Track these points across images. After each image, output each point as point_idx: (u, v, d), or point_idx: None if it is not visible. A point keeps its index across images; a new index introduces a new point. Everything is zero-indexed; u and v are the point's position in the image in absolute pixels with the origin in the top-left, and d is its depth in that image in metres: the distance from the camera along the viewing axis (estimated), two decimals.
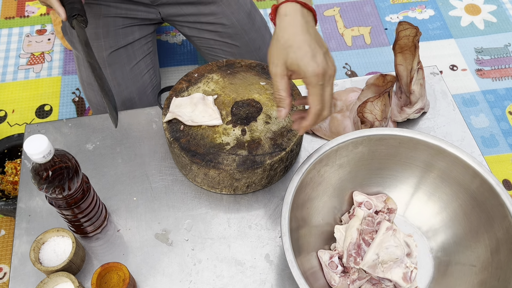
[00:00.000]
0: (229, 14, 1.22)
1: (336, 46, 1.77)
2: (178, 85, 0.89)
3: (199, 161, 0.79)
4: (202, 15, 1.22)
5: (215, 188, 0.84)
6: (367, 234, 0.77)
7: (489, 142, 1.54)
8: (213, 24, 1.22)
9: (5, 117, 1.55)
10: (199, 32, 1.25)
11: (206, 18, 1.22)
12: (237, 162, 0.79)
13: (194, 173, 0.82)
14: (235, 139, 0.82)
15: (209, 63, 0.92)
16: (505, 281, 0.66)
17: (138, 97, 1.20)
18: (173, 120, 0.84)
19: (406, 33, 0.87)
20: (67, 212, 0.72)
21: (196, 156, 0.80)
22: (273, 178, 0.85)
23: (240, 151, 0.80)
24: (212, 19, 1.22)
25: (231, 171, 0.79)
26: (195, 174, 0.83)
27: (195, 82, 0.89)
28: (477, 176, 0.72)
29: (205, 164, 0.79)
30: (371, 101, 0.82)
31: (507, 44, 1.78)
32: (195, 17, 1.22)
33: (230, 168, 0.79)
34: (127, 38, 1.17)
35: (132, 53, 1.18)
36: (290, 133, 0.83)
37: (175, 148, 0.81)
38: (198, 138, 0.82)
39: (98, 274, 0.71)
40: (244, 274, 0.78)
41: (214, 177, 0.81)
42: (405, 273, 0.74)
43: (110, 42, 1.14)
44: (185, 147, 0.81)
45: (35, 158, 0.62)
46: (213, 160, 0.79)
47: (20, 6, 1.85)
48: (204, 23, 1.23)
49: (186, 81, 0.89)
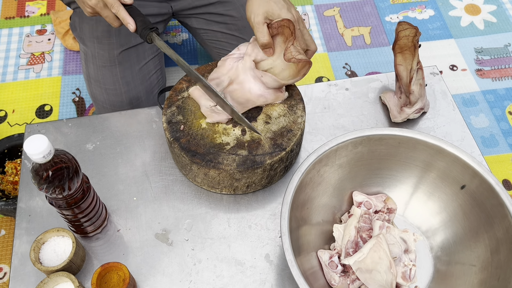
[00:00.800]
0: (239, 6, 1.22)
1: (336, 46, 1.77)
2: (178, 85, 0.89)
3: (199, 161, 0.79)
4: (211, 5, 1.22)
5: (215, 188, 0.84)
6: (365, 231, 0.77)
7: (489, 142, 1.54)
8: (222, 16, 1.23)
9: (5, 117, 1.56)
10: (207, 23, 1.25)
11: (215, 9, 1.22)
12: (237, 162, 0.79)
13: (194, 173, 0.82)
14: (235, 139, 0.82)
15: (209, 63, 0.92)
16: (505, 281, 0.66)
17: (145, 96, 1.21)
18: (173, 120, 0.84)
19: (405, 33, 0.87)
20: (67, 212, 0.73)
21: (196, 156, 0.80)
22: (273, 178, 0.85)
23: (240, 151, 0.80)
24: (221, 10, 1.22)
25: (231, 171, 0.79)
26: (195, 174, 0.83)
27: (195, 82, 0.89)
28: (476, 176, 0.72)
29: (205, 164, 0.79)
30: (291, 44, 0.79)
31: (507, 44, 1.79)
32: (204, 8, 1.22)
33: (230, 168, 0.79)
34: (138, 38, 1.17)
35: (142, 53, 1.19)
36: (290, 133, 0.83)
37: (175, 148, 0.81)
38: (198, 138, 0.82)
39: (98, 274, 0.71)
40: (244, 274, 0.78)
41: (214, 177, 0.81)
42: (404, 272, 0.74)
43: (122, 41, 1.15)
44: (185, 147, 0.81)
45: (35, 158, 0.62)
46: (213, 160, 0.79)
47: (20, 6, 1.86)
48: (213, 13, 1.23)
49: (186, 81, 0.89)
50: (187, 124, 0.83)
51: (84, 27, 1.15)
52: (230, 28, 1.24)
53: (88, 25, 1.14)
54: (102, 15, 0.84)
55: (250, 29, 1.24)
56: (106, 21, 0.86)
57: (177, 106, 0.86)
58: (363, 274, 0.73)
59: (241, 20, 1.23)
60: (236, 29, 1.24)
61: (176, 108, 0.86)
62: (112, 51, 1.15)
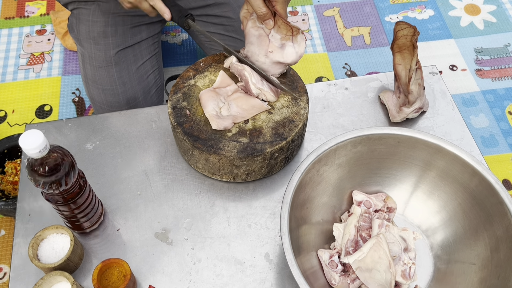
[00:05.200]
0: (235, 7, 1.22)
1: (336, 46, 1.77)
2: (186, 73, 0.90)
3: (200, 146, 0.80)
4: (208, 7, 1.22)
5: (216, 175, 0.85)
6: (364, 230, 0.77)
7: (489, 142, 1.54)
8: (219, 17, 1.23)
9: (5, 117, 1.56)
10: (204, 25, 1.25)
11: (212, 11, 1.22)
12: (238, 149, 0.80)
13: (196, 158, 0.83)
14: (237, 127, 0.83)
15: (217, 54, 0.93)
16: (505, 279, 0.66)
17: (143, 96, 1.21)
18: (178, 106, 0.85)
19: (404, 33, 0.87)
20: (63, 208, 0.73)
21: (198, 141, 0.81)
22: (273, 168, 0.85)
23: (242, 139, 0.81)
24: (218, 11, 1.22)
25: (231, 157, 0.80)
26: (196, 160, 0.84)
27: (202, 71, 0.90)
28: (476, 175, 0.72)
29: (206, 149, 0.80)
30: None
31: (507, 44, 1.79)
32: (201, 9, 1.23)
33: (231, 154, 0.79)
34: (135, 38, 1.17)
35: (139, 53, 1.19)
36: (292, 124, 0.83)
37: (178, 133, 0.82)
38: (201, 124, 0.83)
39: (99, 269, 0.71)
40: (244, 273, 0.78)
41: (214, 163, 0.81)
42: (404, 270, 0.74)
43: (118, 41, 1.15)
44: (188, 132, 0.82)
45: (32, 153, 0.62)
46: (214, 145, 0.80)
47: (20, 6, 1.86)
48: (210, 15, 1.23)
49: (194, 69, 0.91)
50: (191, 111, 0.85)
51: (81, 28, 1.15)
52: (228, 30, 1.24)
53: (85, 26, 1.14)
54: (141, 7, 0.90)
55: None
56: (144, 12, 0.92)
57: (183, 93, 0.87)
58: (362, 273, 0.73)
59: (238, 21, 1.23)
60: (233, 30, 1.24)
61: (182, 94, 0.87)
62: (108, 51, 1.15)
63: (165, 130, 0.93)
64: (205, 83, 0.89)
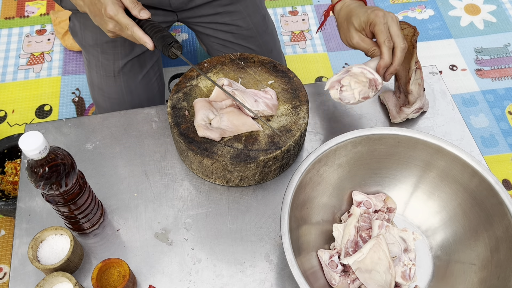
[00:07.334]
0: (245, 16, 1.21)
1: (336, 46, 1.77)
2: (189, 73, 0.91)
3: (194, 148, 0.81)
4: (218, 15, 1.21)
5: (209, 178, 0.85)
6: (364, 230, 0.77)
7: (489, 142, 1.54)
8: (228, 25, 1.22)
9: (5, 117, 1.56)
10: (213, 32, 1.24)
11: (222, 19, 1.21)
12: (231, 154, 0.80)
13: (190, 159, 0.83)
14: None
15: (223, 55, 0.93)
16: (505, 280, 0.66)
17: (148, 104, 1.21)
18: (178, 106, 0.85)
19: (404, 33, 0.87)
20: (64, 208, 0.73)
21: (192, 143, 0.81)
22: (267, 176, 0.85)
23: (236, 144, 0.81)
24: (228, 20, 1.21)
25: (224, 163, 0.80)
26: (191, 161, 0.84)
27: (206, 72, 0.91)
28: (476, 175, 0.72)
29: (200, 152, 0.80)
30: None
31: (507, 44, 1.79)
32: (211, 17, 1.22)
33: (224, 159, 0.79)
34: (142, 47, 1.16)
35: (144, 62, 1.18)
36: (289, 133, 0.83)
37: (175, 133, 0.83)
38: None
39: (99, 269, 0.71)
40: (244, 274, 0.78)
41: (207, 166, 0.81)
42: (404, 271, 0.74)
43: (126, 50, 1.13)
44: (184, 133, 0.82)
45: (31, 155, 0.62)
46: (208, 149, 0.81)
47: (20, 6, 1.86)
48: (219, 23, 1.22)
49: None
50: (191, 112, 0.85)
51: (87, 35, 1.13)
52: (236, 38, 1.24)
53: (92, 33, 1.12)
54: (123, 36, 0.82)
55: (256, 39, 1.24)
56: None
57: (184, 92, 0.88)
58: (362, 274, 0.73)
59: (247, 30, 1.22)
60: (242, 38, 1.24)
61: (183, 94, 0.87)
62: (117, 61, 1.14)
63: (165, 130, 0.93)
64: (207, 85, 0.89)
